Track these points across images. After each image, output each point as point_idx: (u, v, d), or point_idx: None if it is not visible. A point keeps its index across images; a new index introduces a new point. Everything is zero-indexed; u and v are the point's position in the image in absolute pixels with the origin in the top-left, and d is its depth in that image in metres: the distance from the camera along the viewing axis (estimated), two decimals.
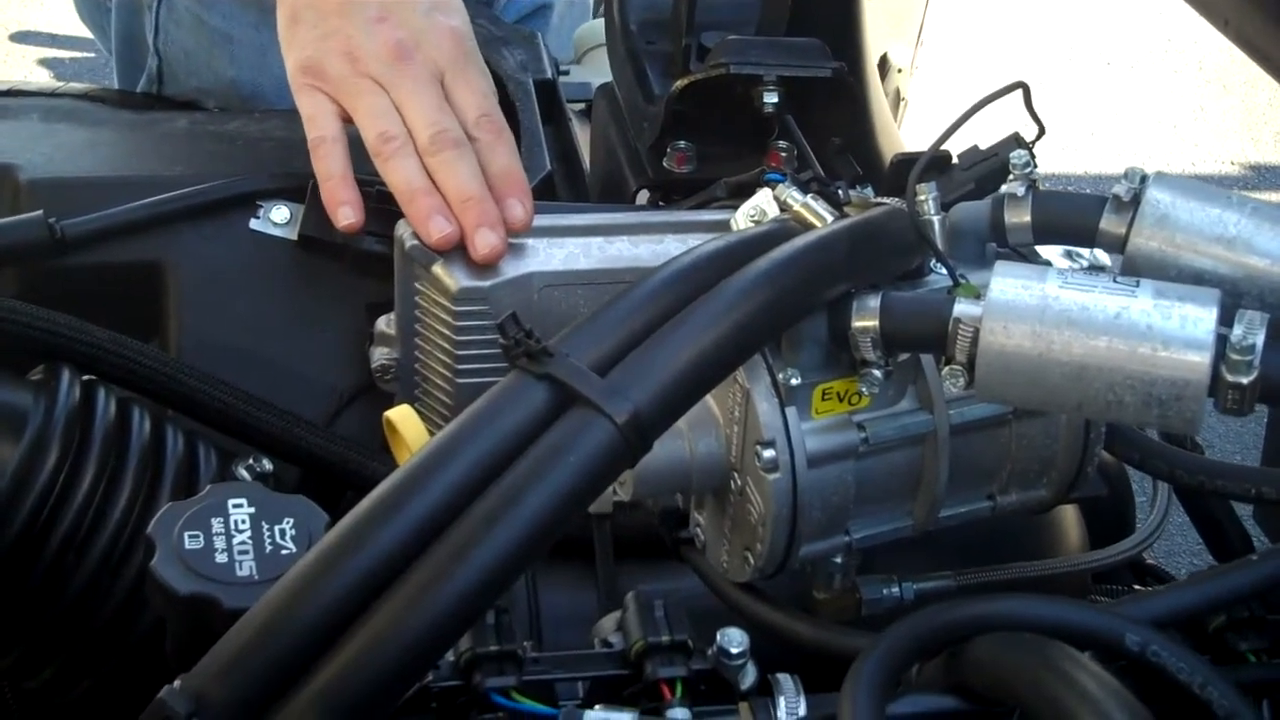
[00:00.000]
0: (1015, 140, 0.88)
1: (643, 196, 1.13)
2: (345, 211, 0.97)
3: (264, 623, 0.60)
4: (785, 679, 0.68)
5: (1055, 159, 3.57)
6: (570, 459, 0.63)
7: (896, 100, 2.32)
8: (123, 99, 1.32)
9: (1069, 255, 0.93)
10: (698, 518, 0.84)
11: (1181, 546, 2.29)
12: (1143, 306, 0.67)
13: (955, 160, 0.92)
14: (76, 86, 1.31)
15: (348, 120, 1.00)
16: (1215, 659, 0.71)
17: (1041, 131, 0.88)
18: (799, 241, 0.73)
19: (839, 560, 0.82)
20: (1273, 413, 1.07)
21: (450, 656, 0.65)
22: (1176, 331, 0.66)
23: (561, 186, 1.25)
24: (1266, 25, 1.23)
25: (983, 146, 0.93)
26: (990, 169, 0.89)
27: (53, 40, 3.63)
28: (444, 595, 0.60)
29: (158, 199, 1.01)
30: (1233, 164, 3.75)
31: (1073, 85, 4.01)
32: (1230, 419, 0.95)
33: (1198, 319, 0.67)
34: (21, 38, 3.60)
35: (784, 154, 1.11)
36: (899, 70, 2.38)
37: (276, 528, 0.70)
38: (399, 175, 0.95)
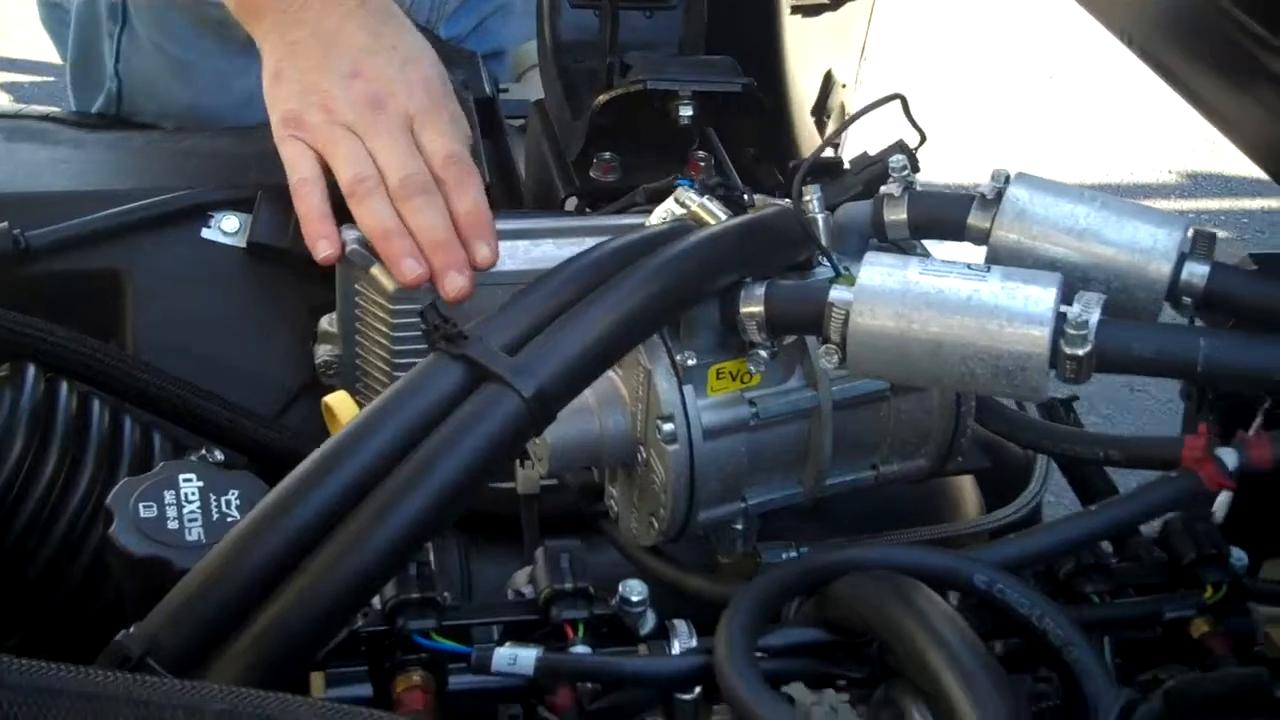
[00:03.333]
0: (899, 147, 0.97)
1: (572, 204, 1.21)
2: (323, 245, 1.03)
3: (208, 576, 0.68)
4: (680, 623, 0.76)
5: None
6: (481, 429, 0.71)
7: (842, 114, 2.41)
8: (82, 120, 1.39)
9: None
10: (611, 490, 0.92)
11: None
12: (991, 289, 0.76)
13: (847, 166, 1.01)
14: (38, 109, 1.38)
15: (326, 168, 1.06)
16: (1063, 600, 0.80)
17: (923, 138, 0.97)
18: (691, 237, 0.81)
19: (739, 526, 0.90)
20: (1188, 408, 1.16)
21: (377, 605, 0.73)
22: (1020, 310, 0.75)
23: (499, 196, 1.33)
24: (1165, 39, 1.32)
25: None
26: (876, 173, 0.98)
27: (12, 65, 3.71)
28: (367, 550, 0.68)
29: (115, 211, 1.09)
30: (1170, 172, 3.87)
31: (1016, 98, 4.12)
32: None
33: (1039, 299, 0.75)
34: None
35: (703, 163, 1.19)
36: (843, 85, 2.47)
37: (223, 498, 0.78)
38: (372, 216, 1.02)
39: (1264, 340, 0.77)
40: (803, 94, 1.98)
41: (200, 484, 0.79)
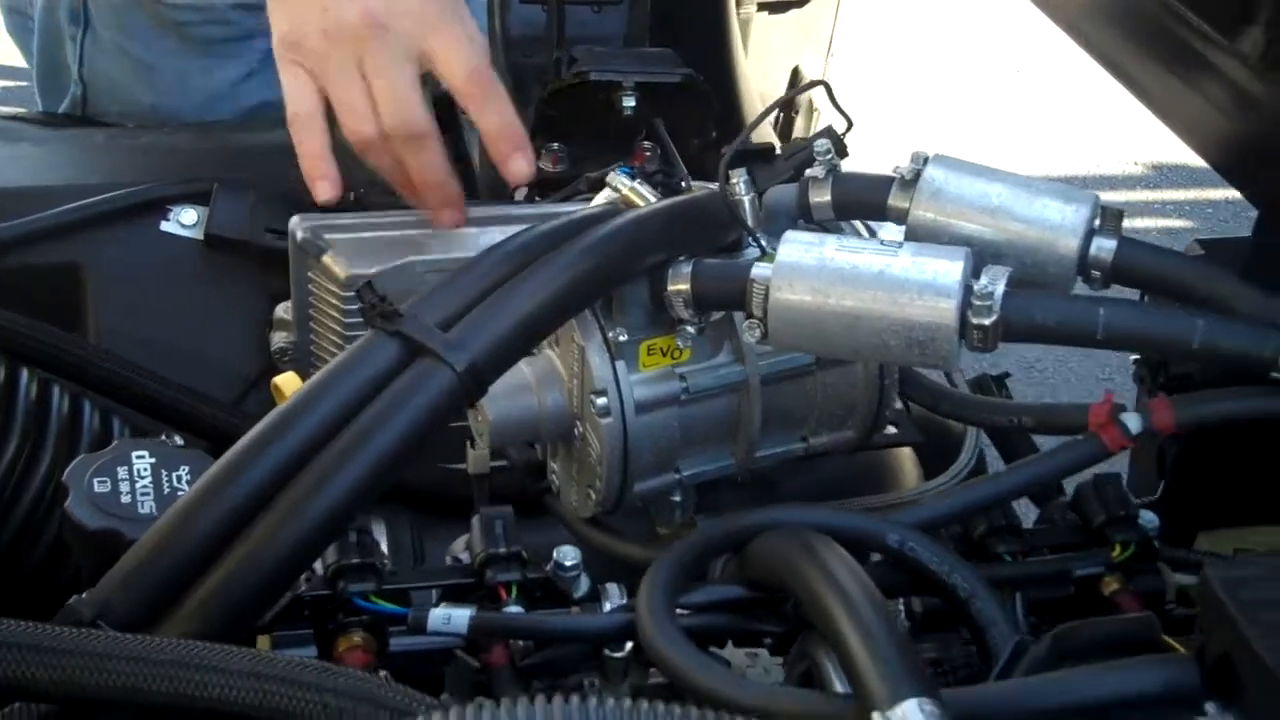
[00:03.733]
0: (827, 133, 1.01)
1: (521, 193, 1.25)
2: (323, 186, 1.02)
3: (157, 544, 0.72)
4: (612, 587, 0.81)
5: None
6: (415, 401, 0.75)
7: (809, 110, 2.45)
8: (47, 120, 1.43)
9: None
10: (553, 465, 0.96)
11: None
12: (902, 264, 0.80)
13: (778, 151, 1.05)
14: (5, 110, 1.42)
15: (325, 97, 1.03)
16: (977, 560, 0.84)
17: (850, 124, 1.01)
18: (619, 219, 0.85)
19: (677, 498, 0.94)
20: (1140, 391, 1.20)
21: (320, 571, 0.77)
22: (929, 283, 0.79)
23: None
24: (1113, 35, 1.36)
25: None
26: (805, 158, 1.01)
27: None
28: (306, 517, 0.72)
29: (76, 205, 1.13)
30: (1136, 164, 3.92)
31: (983, 92, 4.17)
32: None
33: (946, 272, 0.79)
34: None
35: (648, 153, 1.23)
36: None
37: (174, 474, 0.82)
38: (391, 174, 1.03)
39: (1159, 309, 0.82)
40: (769, 89, 2.02)
41: (152, 460, 0.82)
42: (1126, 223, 0.88)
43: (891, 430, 1.03)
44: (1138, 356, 1.08)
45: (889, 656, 0.58)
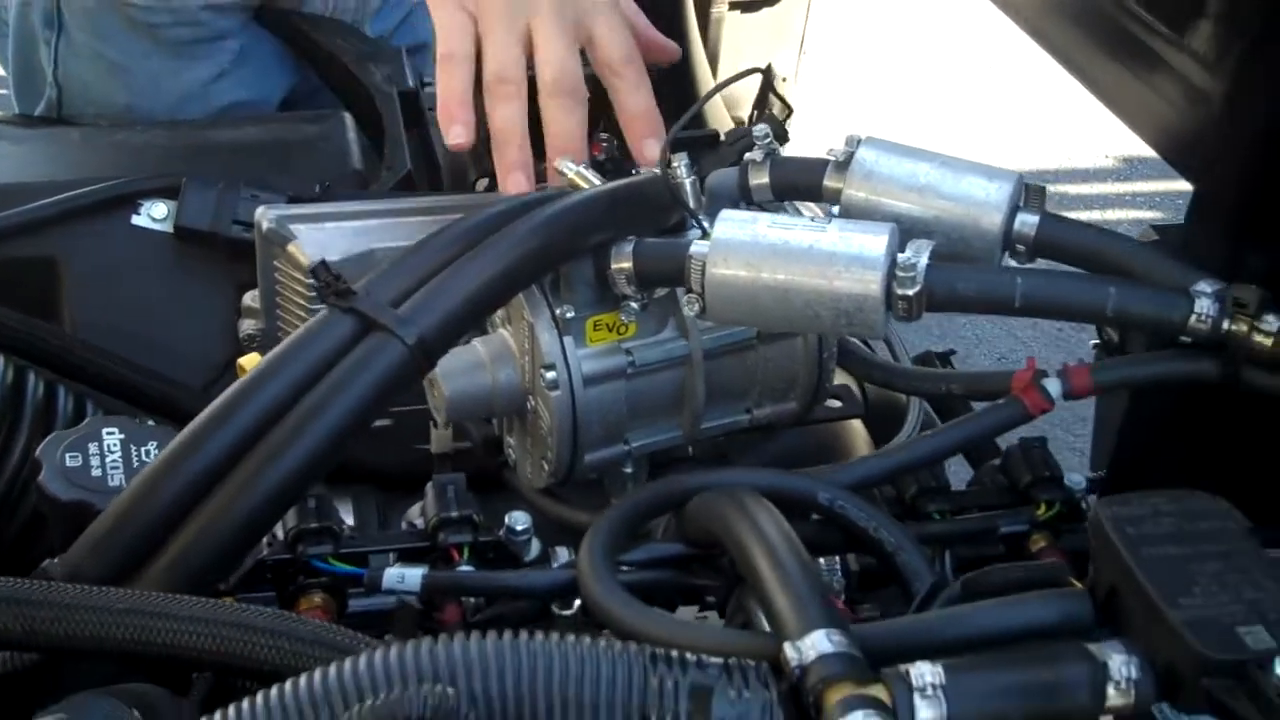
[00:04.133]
0: (769, 118, 1.05)
1: (481, 185, 1.29)
2: (457, 130, 1.03)
3: (123, 512, 0.76)
4: (561, 549, 0.85)
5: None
6: (367, 374, 0.79)
7: (784, 109, 2.49)
8: (24, 121, 1.47)
9: None
10: (509, 440, 1.00)
11: None
12: (831, 239, 0.85)
13: (723, 138, 1.10)
14: None
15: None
16: (909, 519, 0.88)
17: (789, 110, 1.06)
18: (565, 201, 0.89)
19: (629, 470, 0.99)
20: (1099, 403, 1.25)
21: (281, 536, 0.81)
22: (855, 255, 0.83)
23: (421, 181, 1.41)
24: (1067, 31, 1.41)
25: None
26: (748, 144, 1.06)
27: None
28: (264, 484, 0.76)
29: (50, 201, 1.16)
30: (1106, 157, 3.97)
31: (955, 86, 4.22)
32: None
33: (872, 245, 0.84)
34: None
35: (604, 143, 1.28)
36: (783, 80, 2.56)
37: (143, 449, 0.86)
38: (502, 118, 1.02)
39: (1074, 279, 0.86)
40: (740, 88, 2.07)
41: (122, 436, 0.87)
42: (1097, 214, 0.93)
43: (836, 404, 1.08)
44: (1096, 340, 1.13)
45: (801, 593, 0.63)
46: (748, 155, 0.97)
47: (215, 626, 0.64)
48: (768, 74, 1.03)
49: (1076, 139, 4.01)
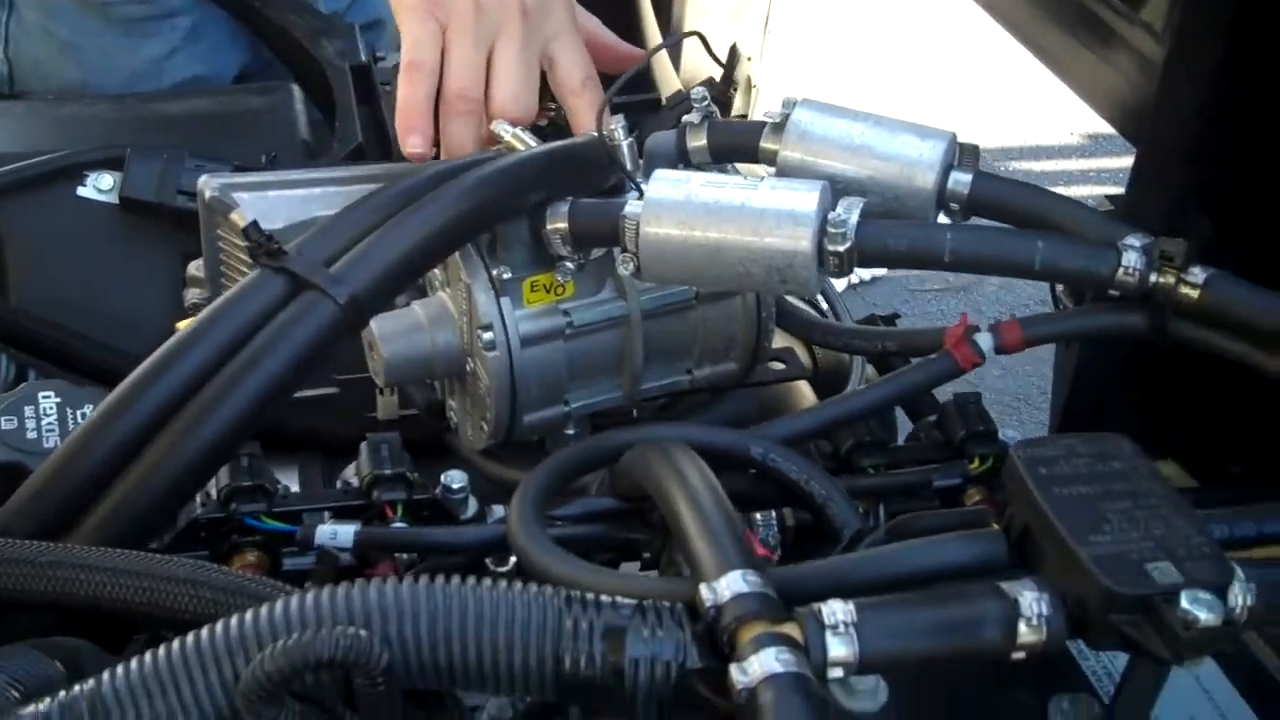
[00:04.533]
0: (707, 83, 1.06)
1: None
2: (414, 140, 1.02)
3: (54, 472, 0.77)
4: (498, 507, 0.85)
5: None
6: (298, 332, 0.80)
7: (748, 88, 2.50)
8: None
9: None
10: (451, 404, 1.00)
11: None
12: (762, 197, 0.85)
13: (664, 102, 1.10)
14: None
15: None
16: (844, 474, 0.89)
17: (726, 71, 1.06)
18: (500, 161, 0.90)
19: (570, 431, 0.99)
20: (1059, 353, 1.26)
21: (214, 495, 0.81)
22: (787, 213, 0.84)
23: (373, 156, 1.41)
24: (1027, 9, 1.42)
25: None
26: (687, 107, 1.06)
27: None
28: (194, 442, 0.77)
29: None
30: (1072, 134, 4.00)
31: (919, 63, 4.23)
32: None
33: (803, 203, 0.84)
34: None
35: (553, 112, 1.28)
36: (748, 59, 2.57)
37: (78, 411, 0.86)
38: (457, 133, 1.03)
39: (1003, 234, 0.87)
40: (704, 65, 2.07)
41: (58, 399, 0.87)
42: (1063, 189, 0.93)
43: (780, 366, 1.08)
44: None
45: (718, 535, 0.63)
46: (685, 118, 0.98)
47: (136, 578, 0.64)
48: (704, 38, 1.03)
49: (1040, 116, 4.02)
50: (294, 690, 0.58)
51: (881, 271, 3.51)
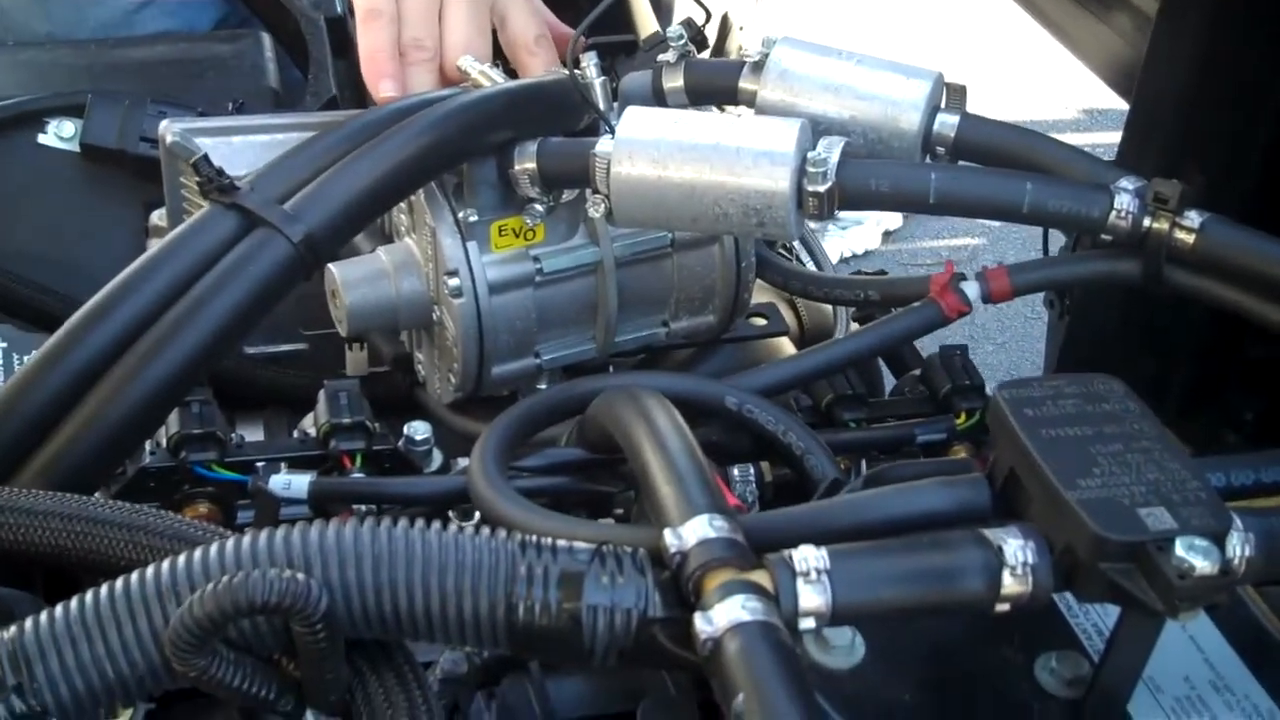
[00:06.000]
0: (685, 24, 1.01)
1: None
2: (386, 84, 1.00)
3: None
4: (464, 460, 0.81)
5: None
6: (249, 271, 0.76)
7: (740, 54, 2.46)
8: None
9: None
10: (418, 355, 0.97)
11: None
12: (738, 135, 0.81)
13: (640, 43, 1.06)
14: None
15: None
16: (825, 428, 0.85)
17: (709, 15, 1.02)
18: (462, 98, 0.86)
19: (543, 385, 0.95)
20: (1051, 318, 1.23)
21: (165, 444, 0.78)
22: (763, 151, 0.80)
23: (350, 104, 1.38)
24: None
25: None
26: (665, 47, 1.02)
27: None
28: (140, 384, 0.73)
29: None
30: (1066, 108, 3.95)
31: (916, 36, 4.18)
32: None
33: (781, 141, 0.81)
34: None
35: None
36: (740, 28, 2.53)
37: (24, 357, 0.83)
38: (416, 84, 1.01)
39: (991, 174, 0.83)
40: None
41: (4, 345, 0.83)
42: None
43: (761, 321, 1.04)
44: None
45: (685, 480, 0.60)
46: (661, 57, 0.94)
47: (69, 521, 0.61)
48: None
49: (1038, 90, 3.99)
50: (228, 639, 0.54)
51: (875, 244, 3.48)
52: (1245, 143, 1.12)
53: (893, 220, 3.54)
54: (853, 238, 3.42)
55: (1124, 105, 1.24)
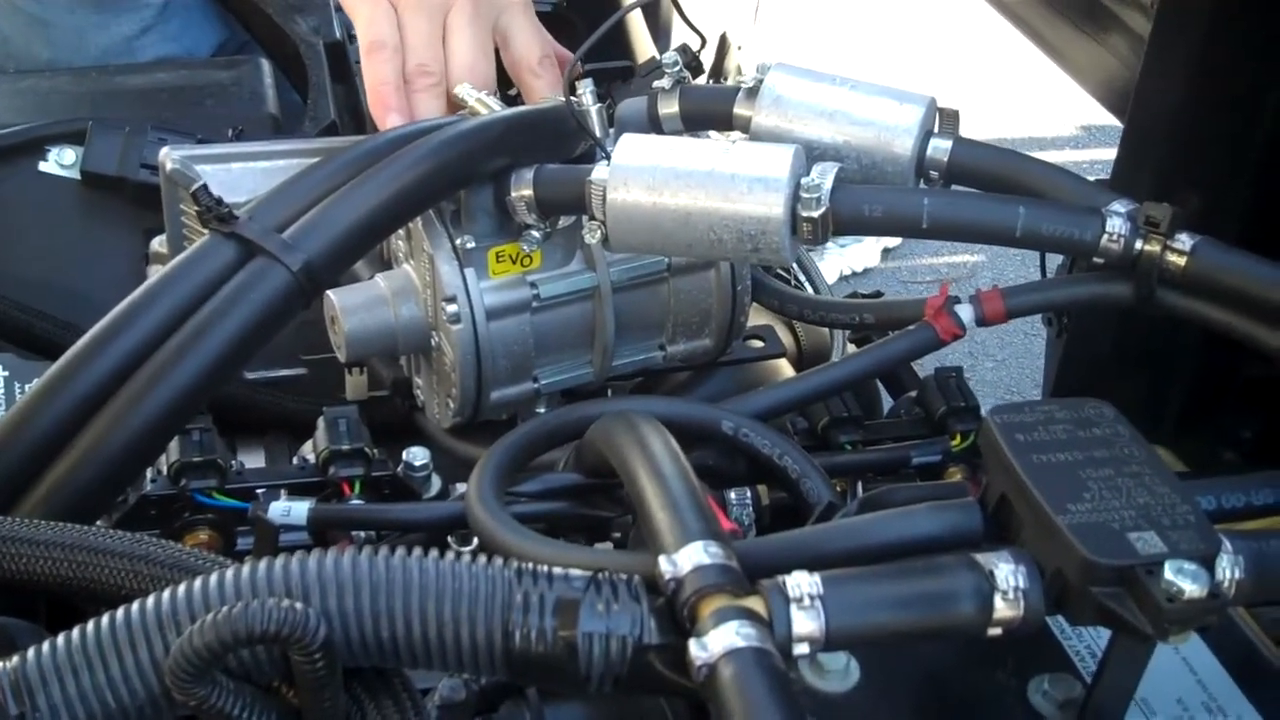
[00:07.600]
0: (680, 50, 1.02)
1: None
2: (394, 119, 1.00)
3: None
4: (462, 486, 0.82)
5: None
6: (248, 300, 0.76)
7: (737, 74, 2.48)
8: None
9: None
10: (417, 381, 0.97)
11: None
12: (733, 161, 0.82)
13: (636, 69, 1.07)
14: None
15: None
16: (820, 451, 0.86)
17: (704, 41, 1.03)
18: (459, 125, 0.87)
19: (541, 410, 0.96)
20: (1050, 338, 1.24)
21: (165, 471, 0.78)
22: (758, 177, 0.81)
23: (347, 133, 1.39)
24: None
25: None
26: (661, 74, 1.03)
27: None
28: (141, 413, 0.73)
29: None
30: (1064, 124, 3.97)
31: (915, 55, 4.20)
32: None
33: (775, 167, 0.81)
34: None
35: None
36: (738, 48, 2.55)
37: (26, 385, 0.83)
38: (424, 110, 1.01)
39: (984, 199, 0.84)
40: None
41: (6, 373, 0.84)
42: None
43: (759, 344, 1.05)
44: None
45: (679, 506, 0.60)
46: (656, 84, 0.95)
47: (71, 551, 0.61)
48: (678, 4, 1.00)
49: (1035, 109, 4.00)
50: (228, 668, 0.55)
51: (874, 262, 3.48)
52: (1239, 161, 1.13)
53: (892, 238, 3.55)
54: (852, 255, 3.43)
55: (1121, 122, 1.25)
